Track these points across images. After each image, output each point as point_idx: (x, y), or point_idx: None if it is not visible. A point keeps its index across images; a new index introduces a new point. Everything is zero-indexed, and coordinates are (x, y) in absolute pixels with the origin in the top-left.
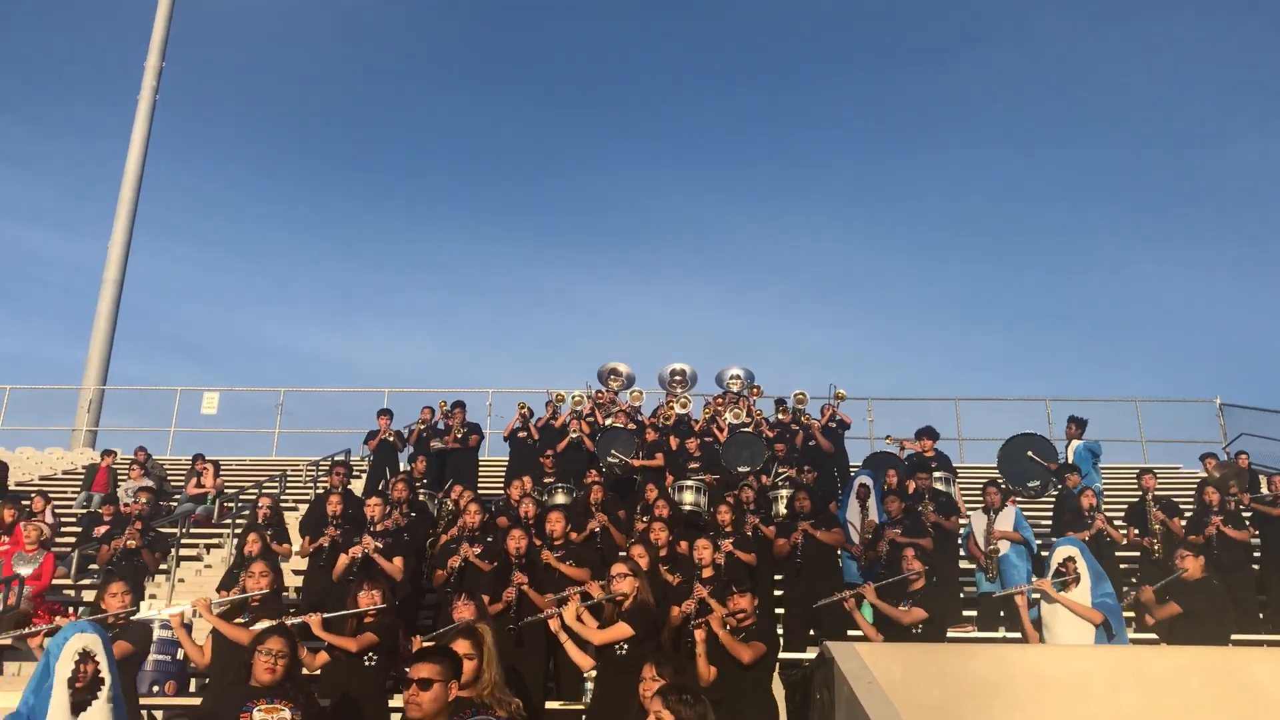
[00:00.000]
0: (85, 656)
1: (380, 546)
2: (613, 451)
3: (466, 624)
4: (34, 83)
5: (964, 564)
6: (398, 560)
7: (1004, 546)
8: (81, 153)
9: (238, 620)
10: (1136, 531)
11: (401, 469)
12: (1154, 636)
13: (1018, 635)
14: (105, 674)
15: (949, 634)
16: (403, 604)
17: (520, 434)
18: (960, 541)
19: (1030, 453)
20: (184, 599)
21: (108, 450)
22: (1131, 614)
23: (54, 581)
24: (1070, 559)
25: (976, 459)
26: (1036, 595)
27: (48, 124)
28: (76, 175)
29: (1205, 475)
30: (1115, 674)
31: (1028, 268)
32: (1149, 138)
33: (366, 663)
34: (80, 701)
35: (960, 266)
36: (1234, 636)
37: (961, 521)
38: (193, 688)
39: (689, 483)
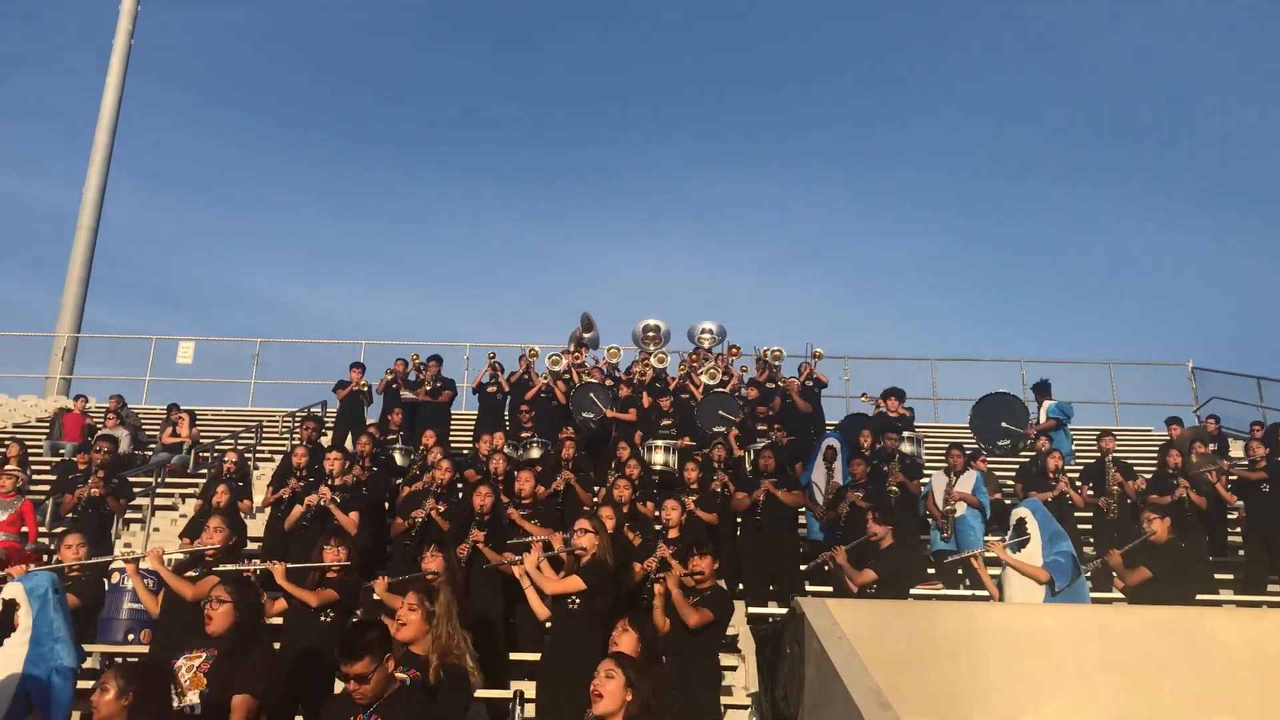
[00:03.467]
0: (9, 605)
1: (337, 499)
2: (591, 399)
3: (416, 576)
4: (7, 24)
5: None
6: (353, 515)
7: (961, 508)
8: (57, 97)
9: (190, 573)
10: (1091, 490)
11: (368, 422)
12: (1118, 596)
13: (984, 593)
14: (22, 618)
15: (916, 591)
16: (361, 558)
17: (490, 388)
18: (920, 502)
19: (1004, 423)
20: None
21: (78, 395)
22: (1089, 573)
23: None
24: (1023, 520)
25: (951, 419)
26: (990, 555)
27: (21, 67)
28: (52, 120)
29: (1169, 438)
30: (1078, 631)
31: (1005, 232)
32: (1126, 105)
33: (323, 618)
34: None
35: (939, 229)
36: (1200, 596)
37: (923, 482)
38: None
39: (659, 442)
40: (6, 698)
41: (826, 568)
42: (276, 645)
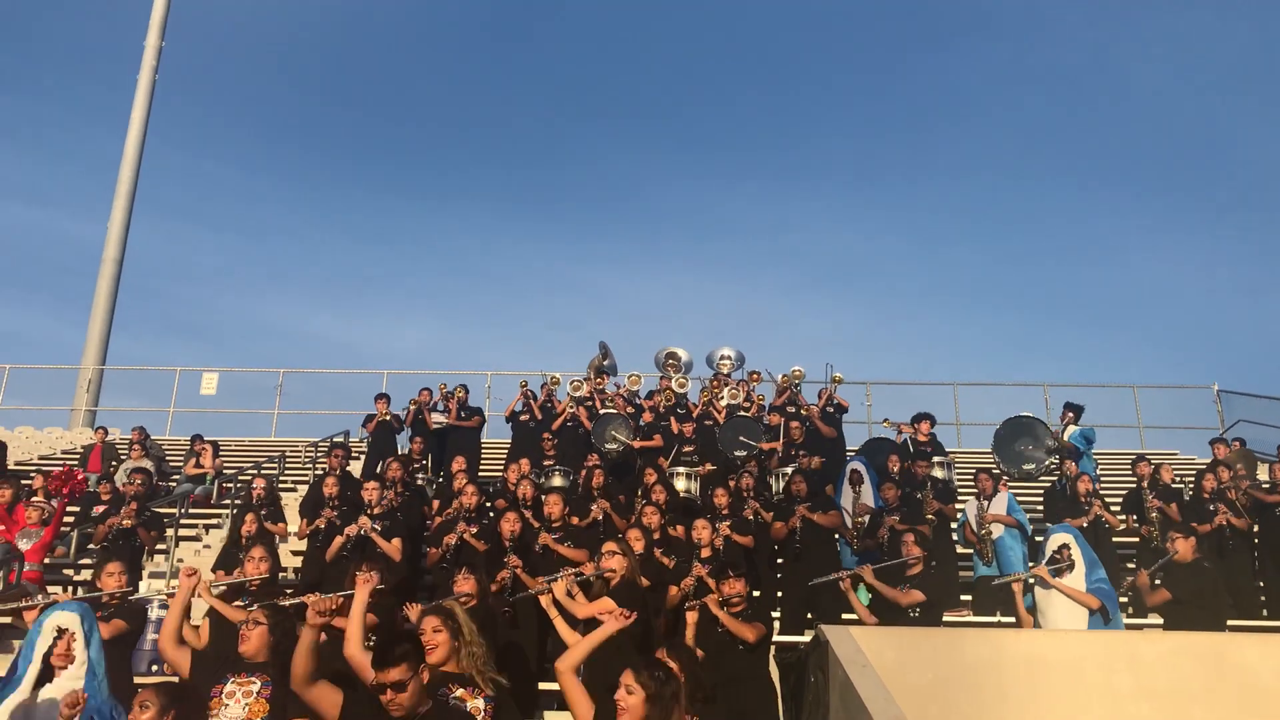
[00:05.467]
0: (61, 632)
1: (378, 528)
2: (612, 434)
3: (435, 604)
4: (35, 61)
5: (962, 549)
6: (396, 541)
7: (997, 530)
8: (83, 132)
9: (236, 603)
10: (1135, 519)
11: (400, 451)
12: (1149, 621)
13: (1012, 620)
14: (78, 651)
15: (945, 618)
16: (398, 585)
17: (522, 416)
18: (956, 528)
19: (1028, 443)
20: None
21: (99, 427)
22: (1126, 599)
23: (50, 560)
24: (1065, 545)
25: (974, 444)
26: (1033, 580)
27: (49, 103)
28: (78, 154)
29: (1213, 459)
30: (1108, 657)
31: (1028, 255)
32: (1151, 127)
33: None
34: (50, 673)
35: (961, 253)
36: (1232, 622)
37: (958, 508)
38: None
39: (681, 469)
40: None
41: (842, 585)
42: None
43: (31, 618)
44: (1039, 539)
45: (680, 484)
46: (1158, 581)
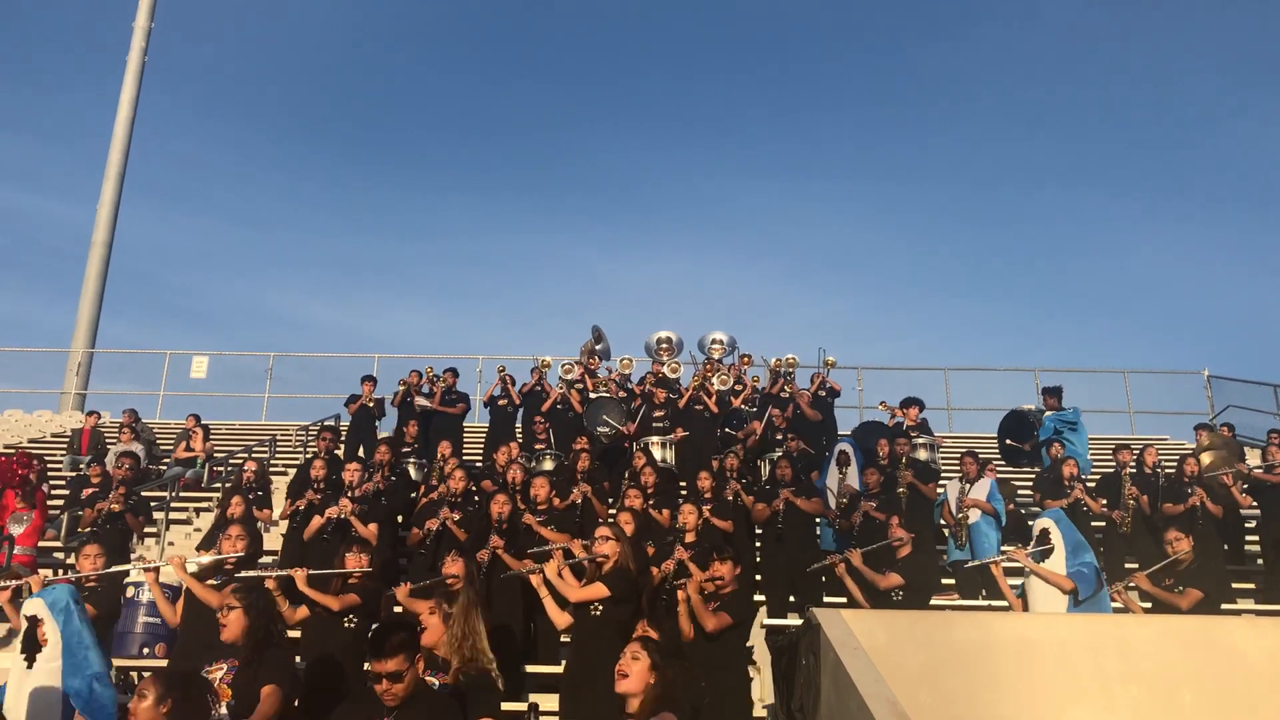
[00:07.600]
0: (32, 620)
1: (357, 510)
2: (604, 419)
3: (437, 581)
4: (23, 43)
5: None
6: (372, 526)
7: (974, 515)
8: (73, 115)
9: (210, 582)
10: (1104, 503)
11: (379, 436)
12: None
13: (1003, 604)
14: (50, 633)
15: (934, 601)
16: (380, 568)
17: (500, 401)
18: (936, 508)
19: (1009, 440)
20: None
21: (91, 411)
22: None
23: (42, 543)
24: (1045, 530)
25: (965, 428)
26: (1014, 564)
27: (38, 85)
28: (68, 137)
29: (1195, 446)
30: (1097, 640)
31: (1020, 241)
32: (1143, 115)
33: (346, 623)
34: (30, 660)
35: (953, 239)
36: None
37: (939, 489)
38: None
39: (655, 439)
40: (54, 714)
41: (837, 570)
42: (297, 659)
43: (4, 598)
44: (1030, 523)
45: (656, 453)
46: (1169, 582)
